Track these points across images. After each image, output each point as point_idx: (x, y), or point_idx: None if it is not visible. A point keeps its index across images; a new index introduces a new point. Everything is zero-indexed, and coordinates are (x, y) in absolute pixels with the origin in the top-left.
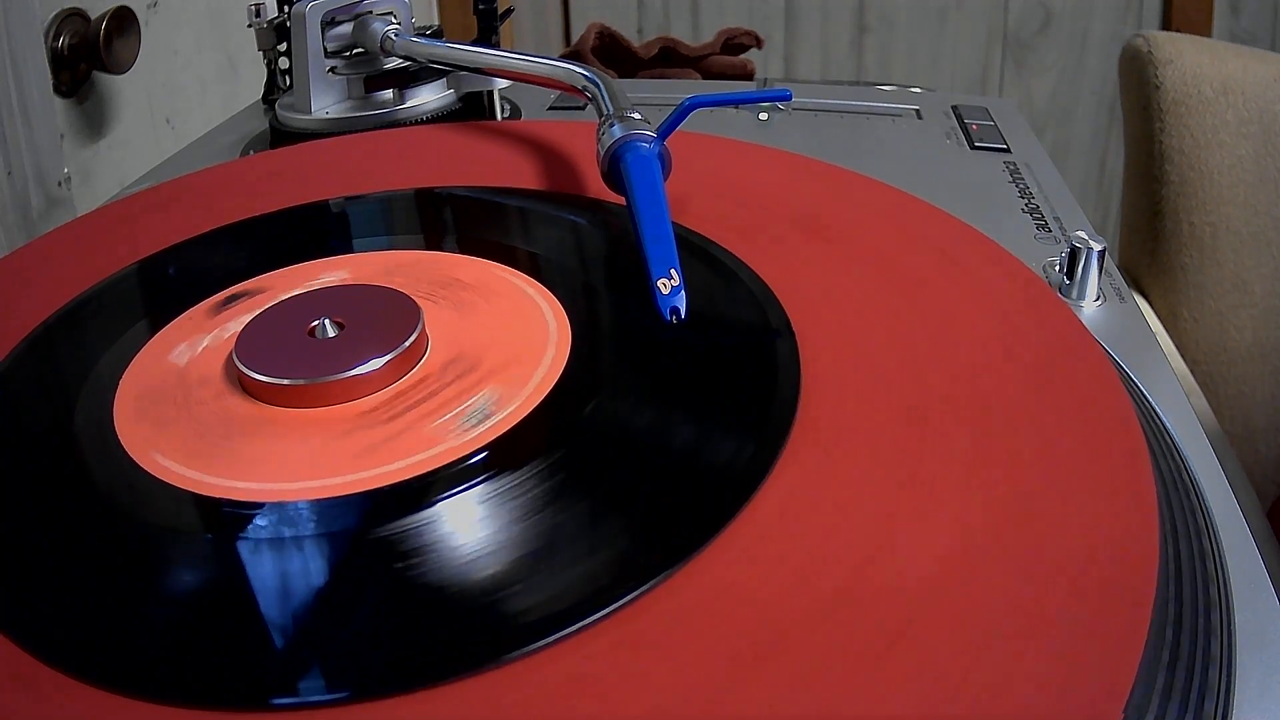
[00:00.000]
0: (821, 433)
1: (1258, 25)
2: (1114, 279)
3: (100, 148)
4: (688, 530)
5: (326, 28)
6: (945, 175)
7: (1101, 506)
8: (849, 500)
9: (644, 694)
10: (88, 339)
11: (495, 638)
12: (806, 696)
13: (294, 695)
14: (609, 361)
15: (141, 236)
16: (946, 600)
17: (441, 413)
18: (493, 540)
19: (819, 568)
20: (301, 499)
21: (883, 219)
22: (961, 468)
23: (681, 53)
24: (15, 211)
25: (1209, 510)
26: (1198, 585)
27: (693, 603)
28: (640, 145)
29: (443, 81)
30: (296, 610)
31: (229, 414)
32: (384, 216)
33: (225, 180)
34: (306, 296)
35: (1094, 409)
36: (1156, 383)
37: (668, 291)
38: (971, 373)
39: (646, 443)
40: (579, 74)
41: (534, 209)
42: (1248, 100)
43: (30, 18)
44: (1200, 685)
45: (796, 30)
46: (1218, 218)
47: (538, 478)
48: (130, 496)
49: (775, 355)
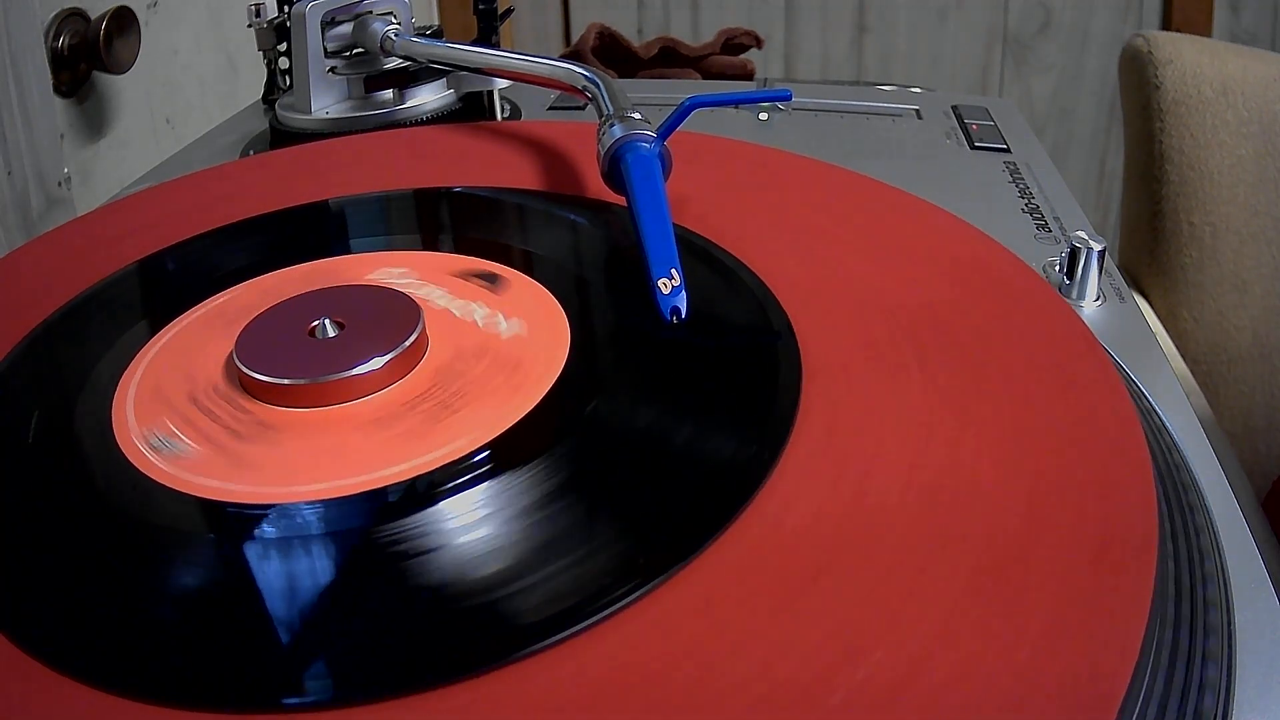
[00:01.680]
0: (821, 433)
1: (1258, 25)
2: (1114, 279)
3: (100, 148)
4: (688, 530)
5: (326, 28)
6: (945, 175)
7: (1101, 506)
8: (849, 500)
9: (644, 694)
10: (88, 339)
11: (503, 637)
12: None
13: (305, 695)
14: (609, 361)
15: (141, 236)
16: (948, 612)
17: (441, 412)
18: (494, 540)
19: (819, 567)
20: (304, 500)
21: (884, 219)
22: (960, 467)
23: (681, 53)
24: (15, 211)
25: (1209, 510)
26: (1197, 584)
27: (693, 603)
28: (640, 145)
29: (443, 81)
30: (304, 611)
31: (231, 414)
32: (382, 216)
33: (226, 180)
34: (307, 297)
35: (1095, 409)
36: (1156, 383)
37: (668, 291)
38: (972, 373)
39: (647, 442)
40: (579, 74)
41: (534, 209)
42: (1248, 100)
43: (30, 18)
44: (1200, 683)
45: (796, 30)
46: (1218, 218)
47: (538, 478)
48: (131, 497)
49: (776, 356)
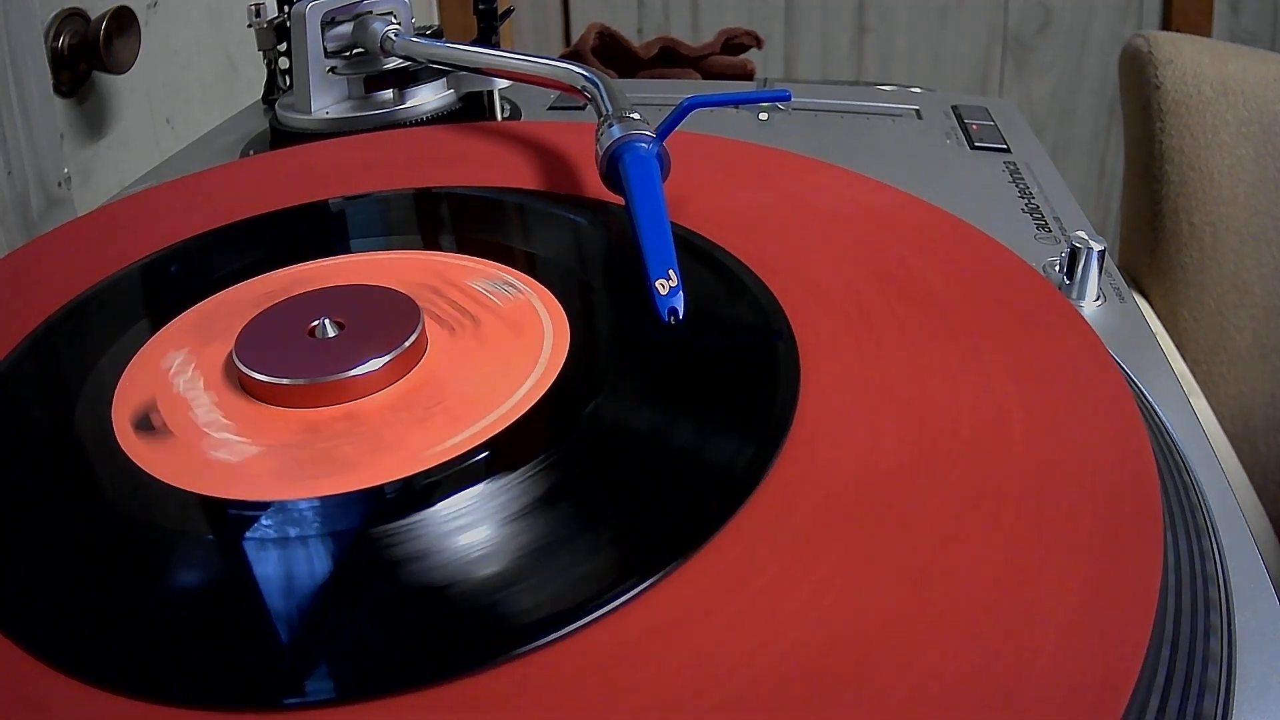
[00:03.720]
0: (822, 433)
1: (1258, 25)
2: (1114, 279)
3: (100, 148)
4: (687, 530)
5: (326, 28)
6: (945, 175)
7: (1101, 506)
8: (849, 499)
9: (645, 694)
10: (88, 339)
11: (501, 636)
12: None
13: (304, 695)
14: (608, 362)
15: (141, 236)
16: (947, 613)
17: (441, 412)
18: (494, 540)
19: (817, 568)
20: (303, 499)
21: (884, 219)
22: (959, 468)
23: (681, 53)
24: (15, 211)
25: (1209, 510)
26: (1198, 585)
27: (693, 603)
28: (639, 146)
29: (443, 81)
30: (303, 610)
31: (230, 414)
32: (382, 217)
33: (226, 180)
34: (307, 296)
35: (1095, 409)
36: (1156, 383)
37: (666, 292)
38: (973, 373)
39: (645, 443)
40: (579, 74)
41: (534, 209)
42: (1248, 100)
43: (30, 18)
44: (1200, 684)
45: (796, 30)
46: (1218, 218)
47: (537, 477)
48: (132, 497)
49: (775, 356)
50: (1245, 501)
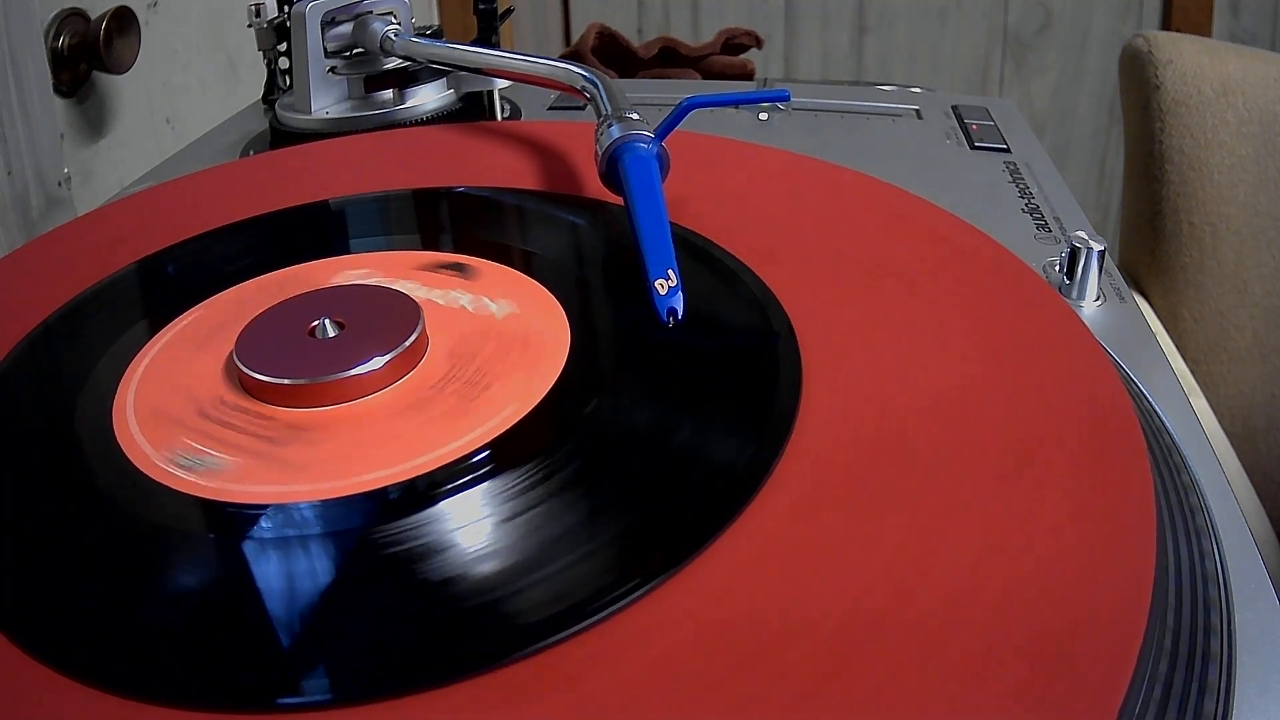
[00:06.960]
0: (822, 433)
1: (1258, 25)
2: (1114, 279)
3: (100, 148)
4: (689, 530)
5: (326, 28)
6: (945, 175)
7: (1101, 506)
8: (850, 501)
9: (644, 693)
10: (88, 339)
11: (500, 638)
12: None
13: (299, 695)
14: (609, 362)
15: (141, 236)
16: (952, 613)
17: (471, 390)
18: (495, 540)
19: (819, 568)
20: (303, 500)
21: (883, 219)
22: (960, 469)
23: (681, 53)
24: (15, 211)
25: (1209, 510)
26: (1198, 585)
27: (693, 603)
28: (638, 146)
29: (443, 81)
30: (300, 611)
31: (230, 413)
32: (382, 217)
33: (226, 180)
34: (307, 296)
35: (1094, 409)
36: (1156, 383)
37: (665, 292)
38: (972, 373)
39: (647, 442)
40: (578, 74)
41: (534, 209)
42: (1248, 100)
43: (30, 18)
44: (1200, 684)
45: (796, 30)
46: (1218, 218)
47: (538, 478)
48: (132, 497)
49: (776, 356)
50: (1245, 501)
